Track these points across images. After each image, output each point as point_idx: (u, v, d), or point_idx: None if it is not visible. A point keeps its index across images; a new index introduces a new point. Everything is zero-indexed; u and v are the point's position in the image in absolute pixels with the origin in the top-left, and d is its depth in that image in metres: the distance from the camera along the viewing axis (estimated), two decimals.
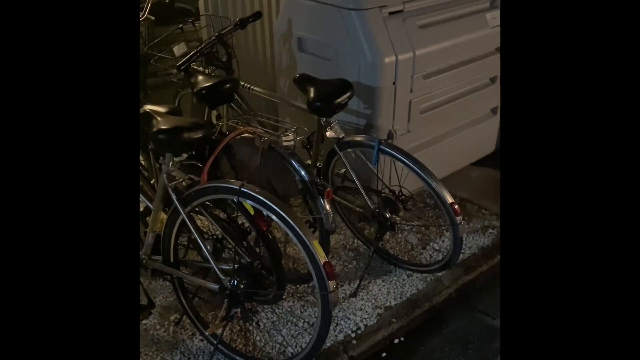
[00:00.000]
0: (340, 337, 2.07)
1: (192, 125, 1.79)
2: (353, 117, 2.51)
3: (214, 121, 2.47)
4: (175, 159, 1.86)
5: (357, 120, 2.51)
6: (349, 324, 2.13)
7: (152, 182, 2.37)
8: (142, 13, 2.52)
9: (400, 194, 2.28)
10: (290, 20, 2.70)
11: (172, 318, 2.16)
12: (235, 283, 1.78)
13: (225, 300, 1.80)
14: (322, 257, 1.69)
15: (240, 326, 2.10)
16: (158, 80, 2.91)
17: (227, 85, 2.20)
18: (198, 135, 1.78)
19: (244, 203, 1.78)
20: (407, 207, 2.32)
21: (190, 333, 2.09)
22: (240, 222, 1.98)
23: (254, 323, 2.08)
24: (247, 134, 2.04)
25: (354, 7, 2.35)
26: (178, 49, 2.55)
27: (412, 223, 2.69)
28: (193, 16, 2.90)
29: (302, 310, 2.20)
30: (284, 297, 2.12)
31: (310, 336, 1.90)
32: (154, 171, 2.23)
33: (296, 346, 2.02)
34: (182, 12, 2.84)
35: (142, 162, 2.53)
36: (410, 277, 2.38)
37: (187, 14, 2.95)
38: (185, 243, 2.08)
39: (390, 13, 2.41)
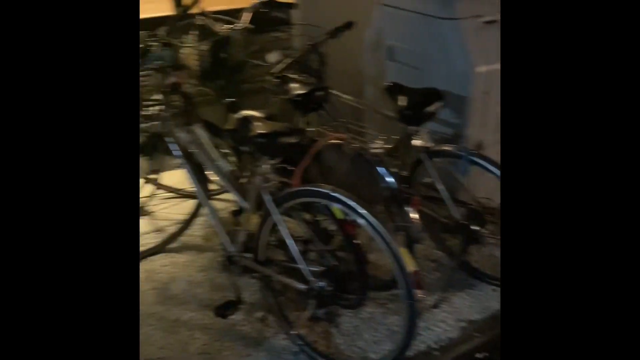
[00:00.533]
0: (422, 347, 2.06)
1: (289, 131, 1.87)
2: (441, 126, 2.49)
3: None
4: (270, 162, 1.94)
5: (445, 130, 2.49)
6: (431, 335, 2.11)
7: (239, 181, 2.49)
8: (243, 22, 2.64)
9: (488, 206, 2.23)
10: (381, 29, 2.73)
11: (257, 315, 2.24)
12: (323, 285, 1.83)
13: (312, 301, 1.85)
14: (410, 266, 1.69)
15: (322, 328, 2.14)
16: (250, 87, 3.03)
17: (320, 93, 2.27)
18: (294, 140, 1.85)
19: (332, 207, 1.83)
20: (495, 220, 2.27)
21: (275, 331, 2.16)
22: (324, 226, 2.04)
23: (336, 326, 2.12)
24: (336, 140, 2.09)
25: (449, 16, 2.34)
26: (272, 57, 2.64)
27: (499, 237, 2.62)
28: (288, 25, 3.01)
29: (383, 317, 2.21)
30: (365, 302, 2.14)
31: (393, 344, 1.91)
32: (247, 172, 2.33)
33: (378, 352, 2.03)
34: (278, 21, 2.95)
35: (235, 163, 2.65)
36: (495, 292, 2.32)
37: (282, 23, 3.05)
38: (274, 243, 2.16)
39: (485, 22, 2.38)
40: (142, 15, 3.11)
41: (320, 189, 1.80)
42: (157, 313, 2.28)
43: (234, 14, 2.70)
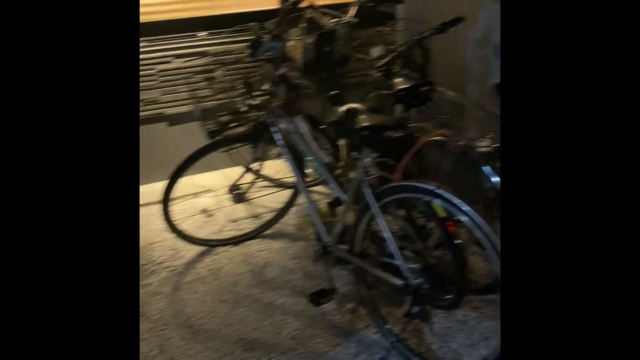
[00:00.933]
0: None
1: (395, 125, 1.86)
2: None
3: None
4: (372, 155, 1.94)
5: None
6: None
7: (336, 173, 2.51)
8: (348, 15, 2.67)
9: None
10: (488, 27, 2.64)
11: (348, 306, 2.26)
12: (420, 282, 1.81)
13: (408, 297, 1.83)
14: None
15: (415, 326, 2.12)
16: (352, 80, 3.05)
17: (425, 88, 2.23)
18: (399, 134, 1.83)
19: (434, 204, 1.80)
20: None
21: (365, 324, 2.16)
22: (421, 224, 2.01)
23: (430, 325, 2.09)
24: (440, 137, 2.05)
25: None
26: (375, 51, 2.64)
27: None
28: (392, 20, 3.00)
29: (477, 322, 2.14)
30: (461, 305, 2.08)
31: (487, 350, 1.85)
32: (345, 165, 2.35)
33: (472, 356, 1.98)
34: (382, 15, 2.94)
35: (332, 156, 2.68)
36: None
37: (387, 18, 3.05)
38: (371, 236, 2.16)
39: None
40: (249, 9, 3.24)
41: (424, 185, 1.77)
42: (252, 295, 2.37)
43: (341, 7, 2.73)
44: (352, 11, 2.67)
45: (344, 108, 2.03)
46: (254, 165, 2.63)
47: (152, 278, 2.50)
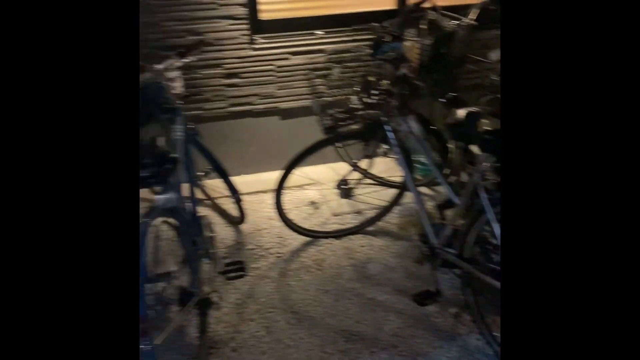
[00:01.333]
0: None
1: None
2: None
3: None
4: (491, 160, 1.92)
5: None
6: None
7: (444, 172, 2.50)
8: (469, 18, 2.64)
9: None
10: None
11: (451, 310, 2.25)
12: None
13: None
14: None
15: None
16: (465, 83, 3.01)
17: None
18: None
19: None
20: None
21: (468, 330, 2.15)
22: None
23: None
24: None
25: None
26: (494, 55, 2.59)
27: None
28: None
29: None
30: None
31: None
32: (456, 167, 2.34)
33: None
34: None
35: (440, 156, 2.68)
36: None
37: None
38: (481, 242, 2.14)
39: None
40: (367, 9, 3.30)
41: None
42: (355, 289, 2.43)
43: (463, 10, 2.70)
44: (474, 14, 2.63)
45: (464, 111, 2.02)
46: (363, 162, 2.69)
47: (260, 262, 2.64)
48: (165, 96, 2.28)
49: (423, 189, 3.16)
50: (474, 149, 2.16)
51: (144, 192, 1.93)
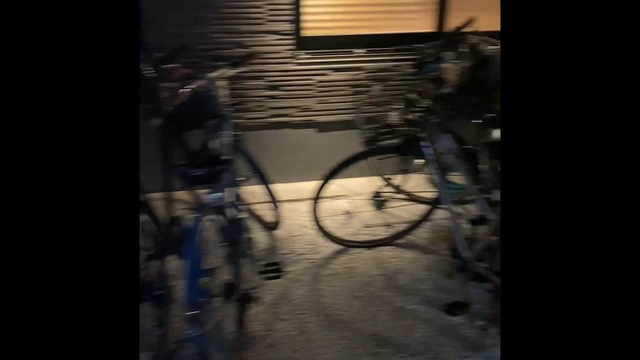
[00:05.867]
0: None
1: None
2: None
3: None
4: None
5: None
6: None
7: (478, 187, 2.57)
8: None
9: None
10: None
11: (479, 322, 2.32)
12: None
13: None
14: None
15: None
16: (498, 107, 3.11)
17: None
18: None
19: None
20: None
21: (495, 342, 2.21)
22: None
23: None
24: None
25: None
26: None
27: None
28: None
29: None
30: None
31: None
32: (490, 184, 2.43)
33: None
34: None
35: (471, 171, 2.76)
36: None
37: None
38: None
39: None
40: (406, 30, 3.43)
41: None
42: (385, 297, 2.52)
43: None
44: None
45: (499, 131, 2.12)
46: (398, 177, 2.79)
47: (293, 267, 2.74)
48: (215, 103, 2.42)
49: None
50: None
51: (181, 192, 2.07)
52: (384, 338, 2.26)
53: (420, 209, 2.97)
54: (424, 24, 3.49)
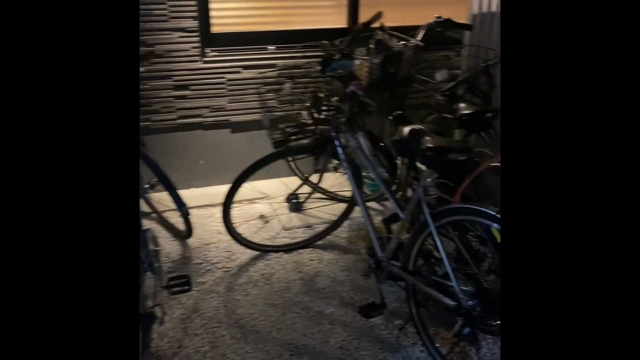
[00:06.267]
0: None
1: (459, 148, 1.90)
2: None
3: None
4: (433, 175, 1.99)
5: None
6: None
7: (392, 188, 2.56)
8: (416, 39, 2.73)
9: None
10: None
11: (396, 322, 2.29)
12: (472, 305, 1.83)
13: (460, 318, 1.85)
14: None
15: (462, 348, 2.13)
16: (413, 102, 3.11)
17: (490, 115, 2.27)
18: (463, 157, 1.87)
19: (493, 229, 1.82)
20: None
21: (412, 341, 2.19)
22: (476, 248, 2.03)
23: (476, 349, 2.09)
24: (500, 164, 2.07)
25: None
26: (440, 75, 2.70)
27: None
28: (459, 45, 3.04)
29: None
30: None
31: None
32: (402, 184, 2.41)
33: None
34: (449, 40, 2.99)
35: (388, 172, 2.74)
36: None
37: (453, 43, 3.09)
38: (424, 255, 2.20)
39: None
40: (319, 26, 3.36)
41: (485, 209, 1.80)
42: (302, 303, 2.44)
43: (410, 30, 2.80)
44: (420, 35, 2.73)
45: (408, 128, 2.09)
46: (312, 177, 2.72)
47: (207, 277, 2.61)
48: None
49: (373, 204, 3.23)
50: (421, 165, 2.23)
51: None
52: (300, 346, 2.18)
53: (339, 208, 2.92)
54: (337, 20, 3.44)
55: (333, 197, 3.14)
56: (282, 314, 2.36)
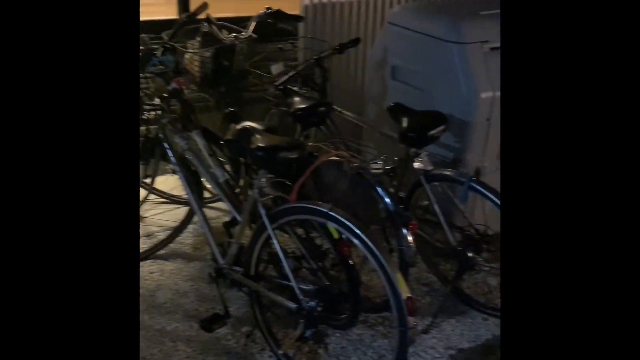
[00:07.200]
0: None
1: (290, 145, 1.84)
2: (441, 150, 2.47)
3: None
4: (267, 175, 1.91)
5: (445, 154, 2.47)
6: None
7: (234, 192, 2.44)
8: (247, 31, 2.62)
9: (485, 233, 2.21)
10: (386, 48, 2.72)
11: (243, 330, 2.19)
12: (314, 304, 1.79)
13: (301, 320, 1.80)
14: (404, 292, 1.66)
15: (310, 348, 2.09)
16: (252, 96, 3.01)
17: (323, 109, 2.24)
18: (294, 155, 1.82)
19: (328, 226, 1.79)
20: (491, 248, 2.24)
21: (260, 347, 2.11)
22: (318, 244, 2.00)
23: (324, 347, 2.07)
24: (336, 158, 2.06)
25: (456, 40, 2.33)
26: (276, 68, 2.63)
27: (493, 265, 2.60)
28: (293, 37, 3.00)
29: (372, 339, 2.17)
30: (355, 324, 2.10)
31: None
32: (244, 184, 2.30)
33: None
34: (283, 32, 2.93)
35: (230, 174, 2.61)
36: (486, 321, 2.29)
37: (287, 35, 3.04)
38: (266, 258, 2.11)
39: (492, 49, 2.37)
40: (146, 18, 3.09)
41: (318, 207, 1.76)
42: (142, 322, 2.22)
43: (241, 22, 2.68)
44: (251, 27, 2.63)
45: (239, 126, 1.98)
46: (147, 181, 2.49)
47: None
48: None
49: (222, 205, 3.06)
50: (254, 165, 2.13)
51: None
52: None
53: (182, 212, 2.72)
54: (167, 11, 3.20)
55: (174, 200, 2.93)
56: None
